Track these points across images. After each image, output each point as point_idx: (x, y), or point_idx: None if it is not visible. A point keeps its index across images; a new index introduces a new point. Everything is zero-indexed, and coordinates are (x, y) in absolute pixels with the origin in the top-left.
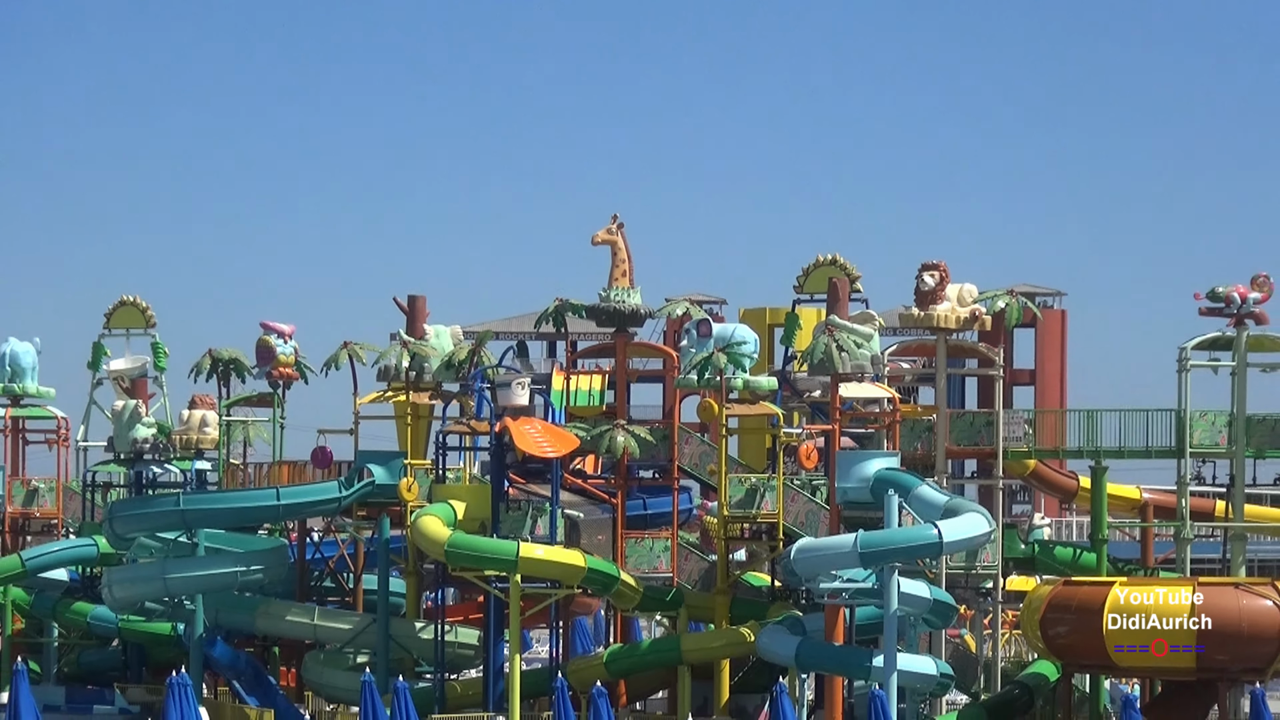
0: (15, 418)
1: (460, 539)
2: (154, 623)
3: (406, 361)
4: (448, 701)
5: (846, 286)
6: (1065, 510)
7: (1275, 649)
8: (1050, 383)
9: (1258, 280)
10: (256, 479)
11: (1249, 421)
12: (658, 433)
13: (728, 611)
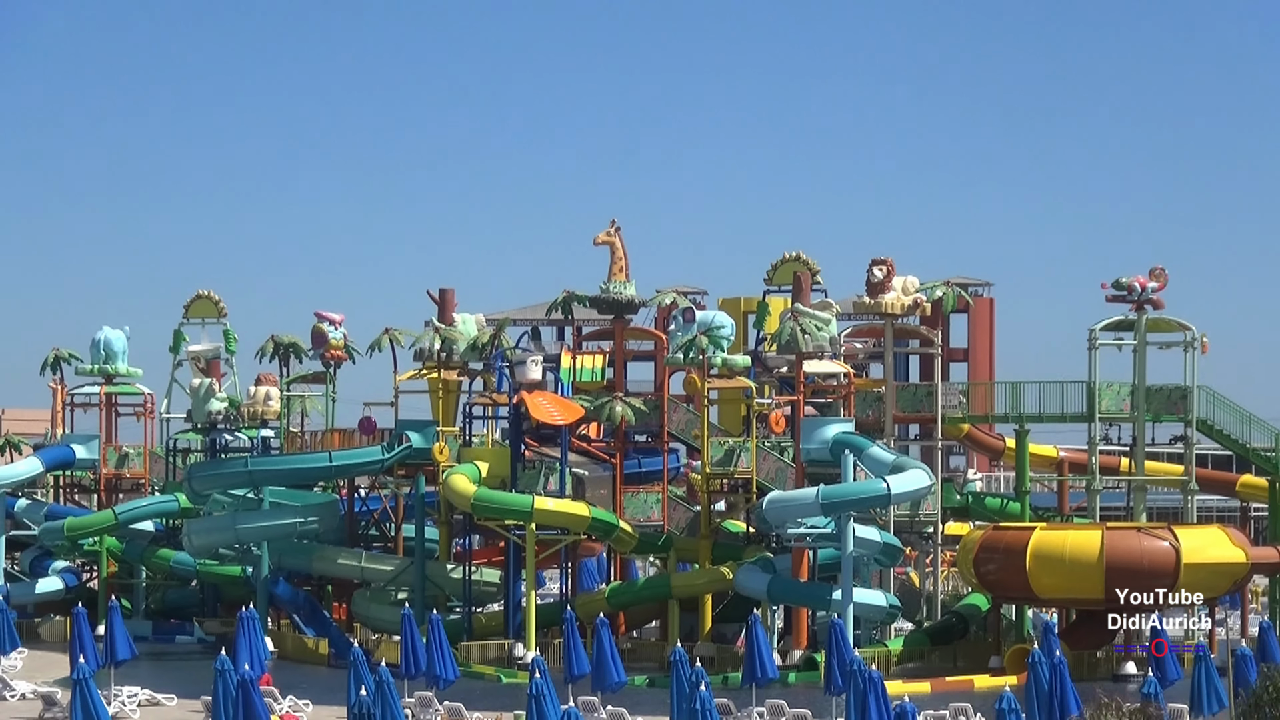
0: (109, 394)
1: (484, 494)
2: (226, 566)
3: (438, 344)
4: (474, 631)
5: (808, 279)
6: (994, 466)
7: (1171, 582)
8: (980, 359)
9: (1155, 272)
10: (312, 444)
11: (1148, 391)
12: (650, 403)
13: (710, 554)
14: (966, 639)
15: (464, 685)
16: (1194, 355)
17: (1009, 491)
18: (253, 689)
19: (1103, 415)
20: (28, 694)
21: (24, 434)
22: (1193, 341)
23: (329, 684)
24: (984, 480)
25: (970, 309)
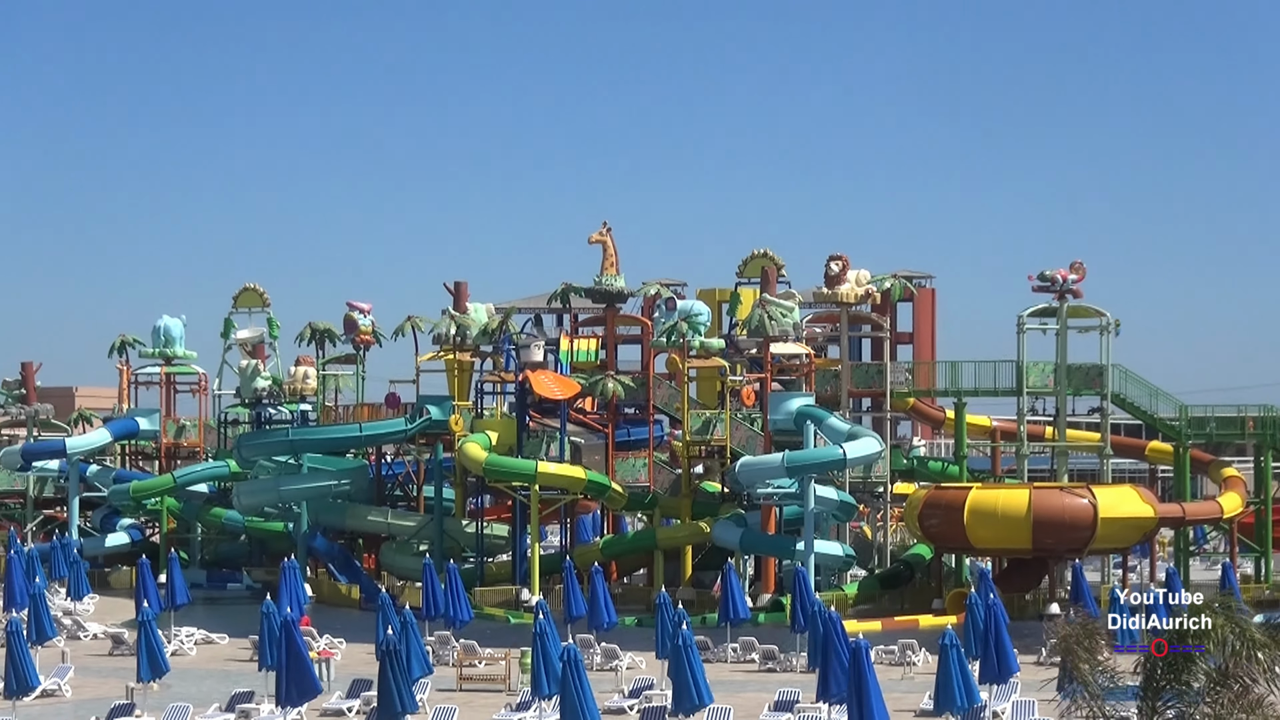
0: (168, 374)
1: (494, 459)
2: (271, 522)
3: (454, 330)
4: (486, 578)
5: (774, 272)
6: (935, 435)
7: (1089, 534)
8: (923, 342)
9: (1075, 265)
10: (344, 417)
11: (1068, 369)
12: (637, 380)
13: (690, 510)
14: (912, 584)
15: (477, 626)
16: (1108, 337)
17: (949, 456)
18: (294, 629)
19: (1030, 390)
20: (98, 634)
21: (94, 409)
22: (1107, 325)
23: (360, 625)
24: (927, 446)
25: (914, 298)
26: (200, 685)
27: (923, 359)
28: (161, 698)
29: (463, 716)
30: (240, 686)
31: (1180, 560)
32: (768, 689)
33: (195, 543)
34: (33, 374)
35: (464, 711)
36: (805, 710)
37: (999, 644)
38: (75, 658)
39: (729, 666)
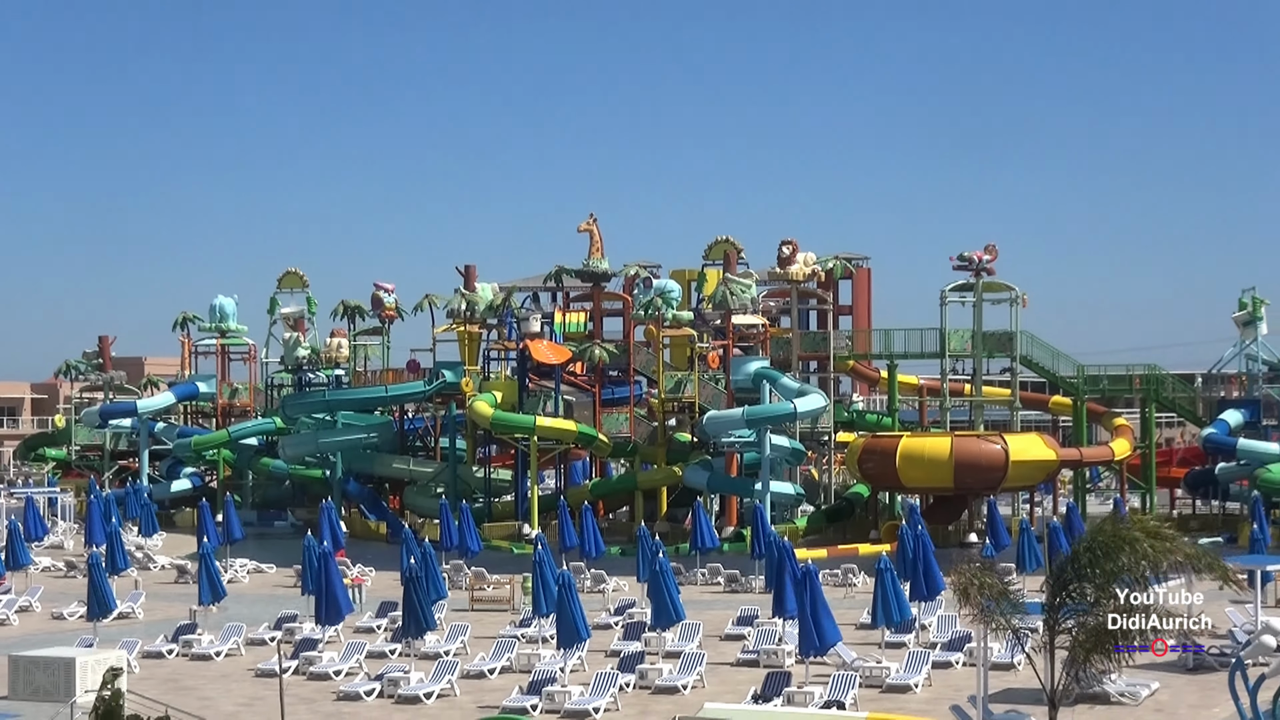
0: (223, 345)
1: (500, 415)
2: (311, 470)
3: (464, 306)
4: (493, 515)
5: (735, 255)
6: (871, 391)
7: (1002, 475)
8: (861, 313)
9: (989, 248)
10: (372, 380)
11: (984, 335)
12: (619, 348)
13: (665, 457)
14: (853, 518)
15: (486, 555)
16: (1016, 309)
17: (883, 410)
18: (330, 560)
19: (951, 353)
20: (165, 565)
21: (161, 375)
22: (1016, 298)
23: (387, 556)
24: (865, 401)
25: (853, 276)
26: (252, 608)
27: (860, 328)
28: (219, 618)
29: (474, 632)
30: (286, 609)
31: (1078, 496)
32: (731, 607)
33: (247, 487)
34: (108, 346)
35: (475, 628)
36: (763, 624)
37: (926, 567)
38: (146, 585)
39: (699, 588)
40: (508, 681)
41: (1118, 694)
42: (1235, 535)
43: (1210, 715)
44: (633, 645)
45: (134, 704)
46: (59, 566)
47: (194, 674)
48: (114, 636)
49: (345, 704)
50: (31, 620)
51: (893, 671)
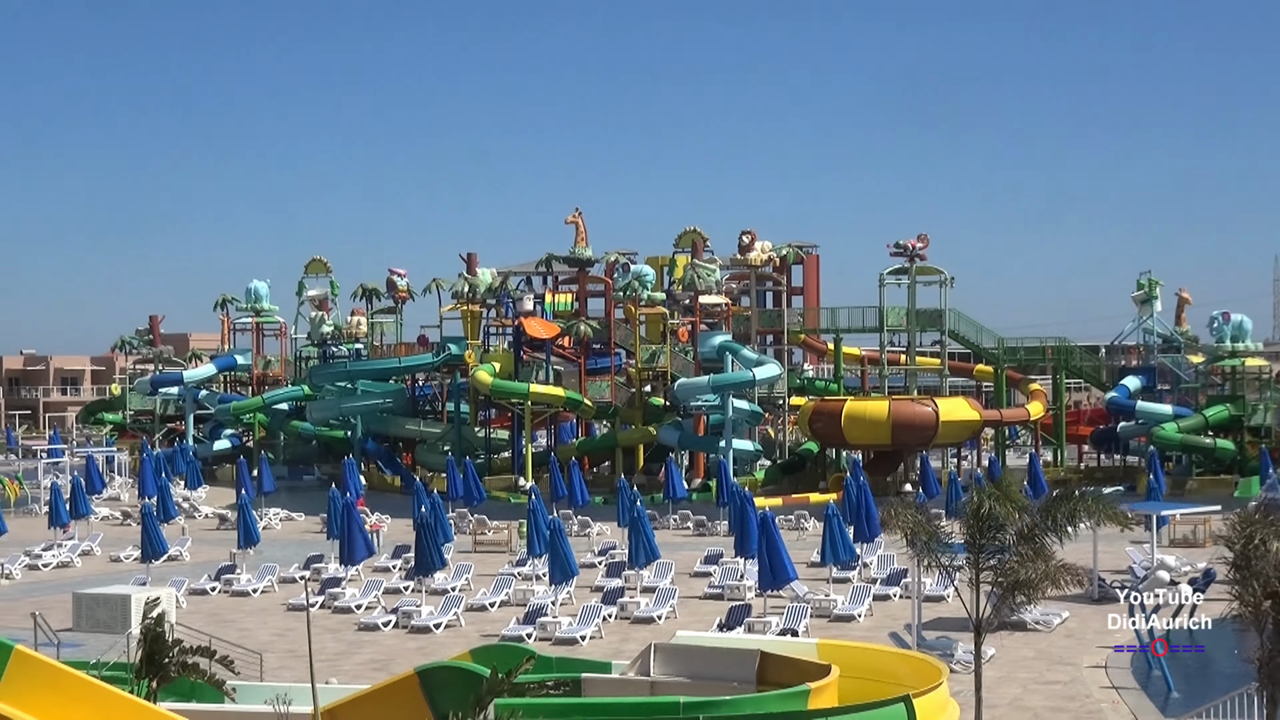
0: (258, 322)
1: (498, 383)
2: (334, 430)
3: (467, 288)
4: (492, 469)
5: (701, 243)
6: (820, 361)
7: (933, 433)
8: (810, 293)
9: (921, 237)
10: (387, 353)
11: (917, 312)
12: (602, 324)
13: (641, 419)
14: (804, 470)
15: (487, 505)
16: (945, 289)
17: (830, 377)
18: (352, 509)
19: (888, 328)
20: (208, 514)
21: (203, 349)
22: (945, 280)
23: (401, 505)
24: (814, 370)
25: (804, 261)
26: (284, 550)
27: (810, 306)
28: (255, 560)
29: (477, 570)
30: (313, 551)
31: (999, 451)
32: (699, 548)
33: (279, 446)
34: (157, 324)
35: (478, 567)
36: (727, 562)
37: (868, 513)
38: (192, 531)
39: (671, 532)
40: (506, 614)
41: (1034, 622)
42: (1134, 485)
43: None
44: (614, 581)
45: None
46: (116, 516)
47: (233, 608)
48: (164, 576)
49: (365, 633)
50: (92, 562)
51: (839, 603)
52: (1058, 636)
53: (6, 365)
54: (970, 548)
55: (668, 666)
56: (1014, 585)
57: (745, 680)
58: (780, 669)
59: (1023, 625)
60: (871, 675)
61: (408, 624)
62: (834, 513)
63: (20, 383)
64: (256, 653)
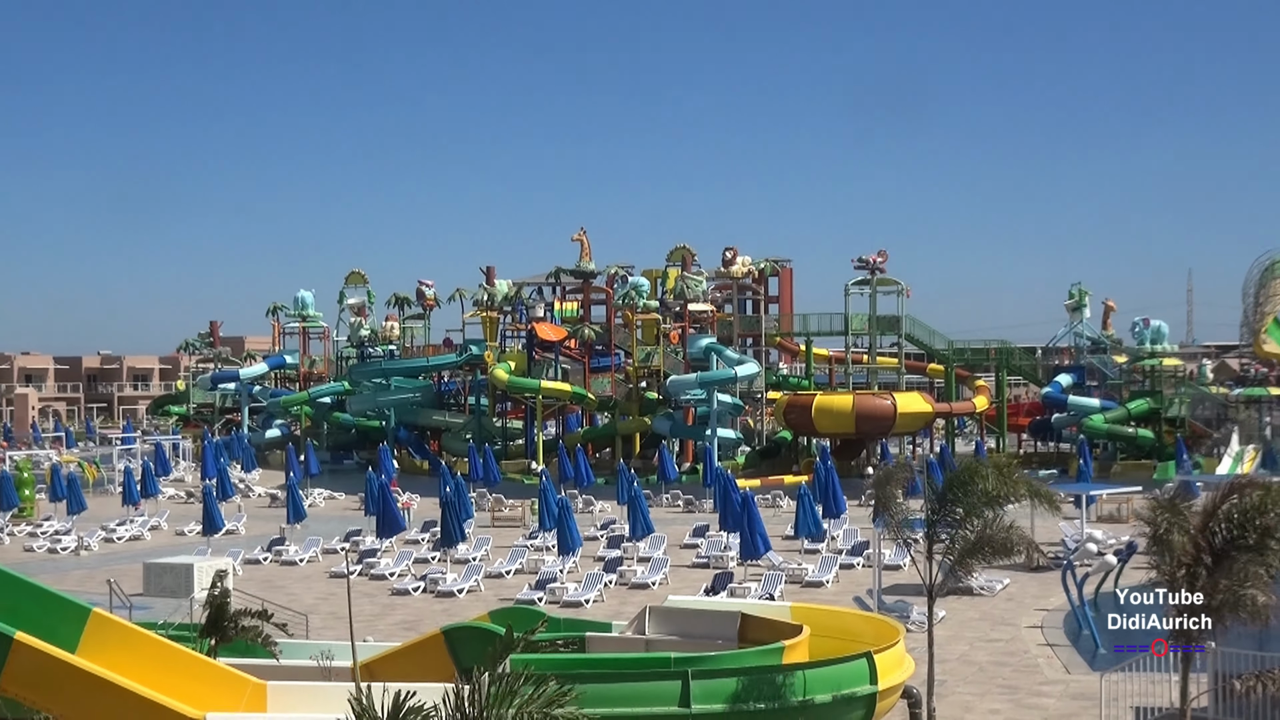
0: (304, 327)
1: (513, 379)
2: (371, 421)
3: (486, 297)
4: (508, 454)
5: (690, 258)
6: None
7: (891, 423)
8: (785, 301)
9: (881, 252)
10: (417, 354)
11: (877, 318)
12: (603, 328)
13: (638, 410)
14: (780, 456)
15: (503, 485)
16: (901, 298)
17: (802, 374)
18: (387, 489)
19: (853, 332)
20: (261, 494)
21: (257, 350)
22: (901, 290)
23: (429, 486)
24: (788, 368)
25: (779, 274)
26: (327, 525)
27: (784, 312)
28: (302, 533)
29: (495, 543)
30: (353, 526)
31: (949, 438)
32: (689, 523)
33: (323, 434)
34: (217, 328)
35: (495, 539)
36: (712, 536)
37: (834, 493)
38: (247, 508)
39: (664, 509)
40: (520, 580)
41: (979, 587)
42: (1066, 468)
43: (1047, 603)
44: (614, 552)
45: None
46: (181, 495)
47: (283, 576)
48: (222, 547)
49: (397, 598)
50: (160, 536)
51: (809, 571)
52: (999, 601)
53: (86, 364)
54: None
55: (661, 627)
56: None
57: (728, 638)
58: (759, 629)
59: (969, 590)
60: (838, 634)
61: (434, 589)
62: (805, 493)
63: (98, 379)
64: (303, 614)
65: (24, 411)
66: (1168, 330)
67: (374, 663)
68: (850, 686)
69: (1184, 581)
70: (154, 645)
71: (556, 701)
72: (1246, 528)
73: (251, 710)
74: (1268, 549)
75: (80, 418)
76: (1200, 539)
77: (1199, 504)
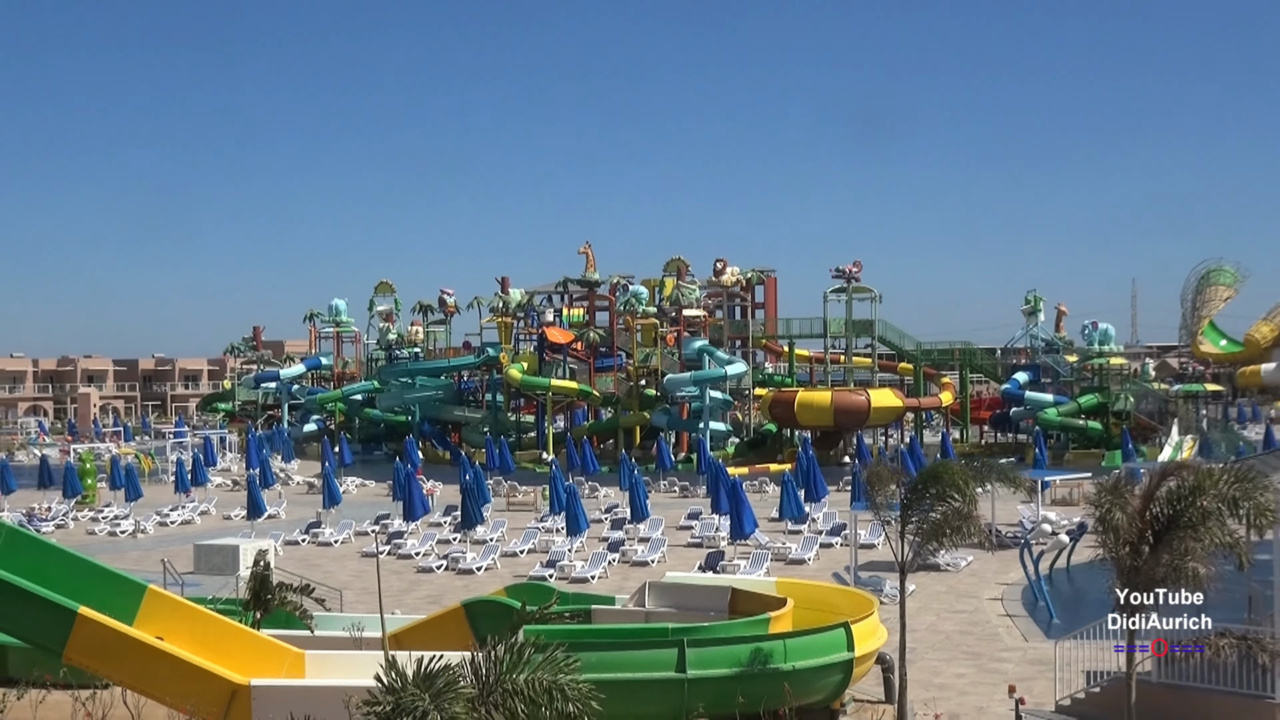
0: (337, 332)
1: (526, 378)
2: (398, 416)
3: (501, 304)
4: (521, 445)
5: (685, 268)
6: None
7: (866, 417)
8: (770, 307)
9: (855, 263)
10: (439, 355)
11: (853, 322)
12: (607, 332)
13: (638, 405)
14: (766, 446)
15: (517, 473)
16: (875, 304)
17: (785, 373)
18: (412, 477)
19: (831, 335)
20: (299, 481)
21: (295, 352)
22: (875, 297)
23: (450, 474)
24: (773, 367)
25: (765, 282)
26: (359, 510)
27: (769, 317)
28: (336, 517)
29: (509, 525)
30: (382, 510)
31: (918, 430)
32: (683, 507)
33: (355, 428)
34: (260, 333)
35: (510, 522)
36: (705, 518)
37: (815, 479)
38: (286, 495)
39: (662, 494)
40: (533, 559)
41: (945, 564)
42: (1023, 457)
43: (1007, 577)
44: (617, 534)
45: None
46: (227, 483)
47: (319, 555)
48: (265, 530)
49: (422, 575)
50: (209, 520)
51: (793, 550)
52: (964, 576)
53: (142, 366)
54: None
55: (659, 600)
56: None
57: (720, 610)
58: (747, 601)
59: (936, 566)
60: (818, 606)
61: (455, 567)
62: (789, 479)
63: (153, 380)
64: (338, 590)
65: (86, 409)
66: (1114, 332)
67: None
68: (829, 653)
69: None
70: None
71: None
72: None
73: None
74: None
75: (137, 414)
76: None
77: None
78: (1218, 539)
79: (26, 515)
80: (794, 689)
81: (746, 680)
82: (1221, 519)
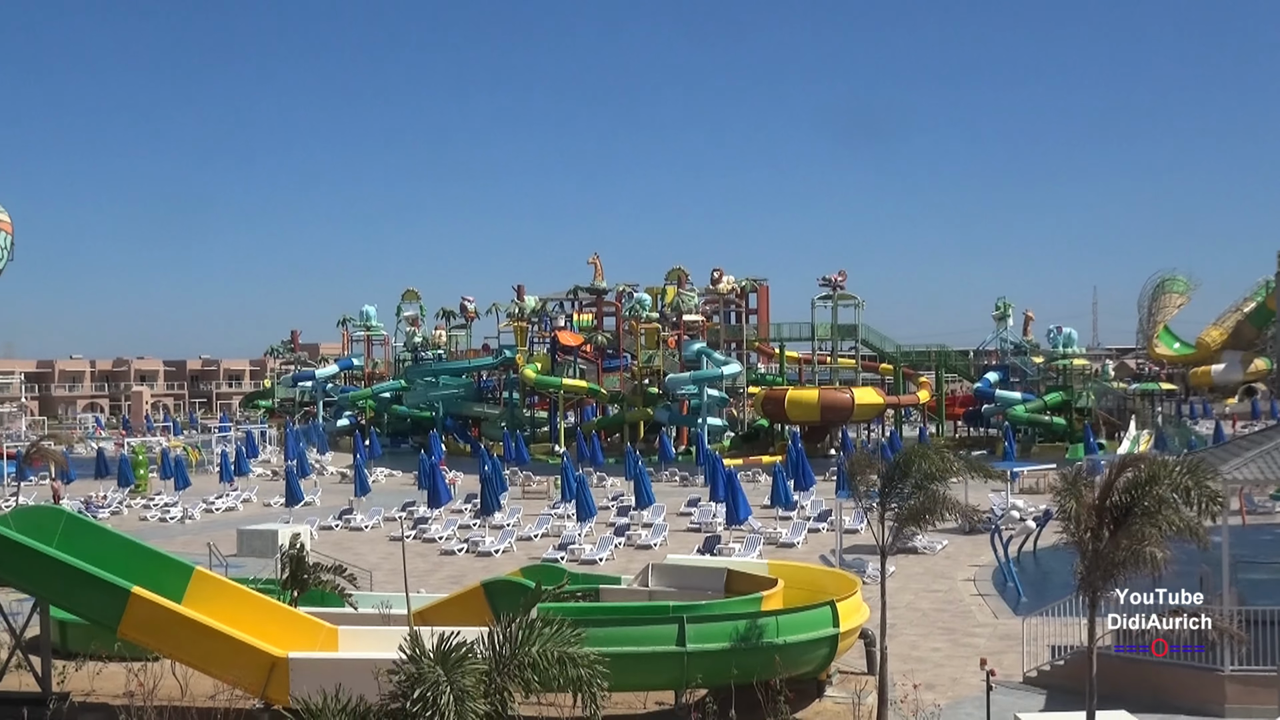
0: (368, 335)
1: (540, 377)
2: (424, 412)
3: (518, 310)
4: (535, 439)
5: (685, 277)
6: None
7: (849, 413)
8: (763, 312)
9: (841, 272)
10: (461, 356)
11: (838, 327)
12: (613, 336)
13: (642, 402)
14: (759, 440)
15: (532, 464)
16: (859, 309)
17: (777, 373)
18: (436, 468)
19: (818, 339)
20: (333, 472)
21: (329, 354)
22: (858, 304)
23: (470, 465)
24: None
25: (758, 290)
26: (387, 498)
27: (762, 322)
28: (366, 505)
29: (524, 511)
30: (408, 498)
31: (898, 425)
32: (683, 495)
33: (384, 423)
34: (297, 336)
35: (525, 509)
36: (704, 505)
37: (804, 470)
38: (321, 484)
39: (664, 484)
40: (546, 542)
41: (922, 547)
42: (994, 449)
43: (979, 560)
44: (623, 520)
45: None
46: (267, 474)
47: (351, 539)
48: (301, 516)
49: (445, 558)
50: (251, 507)
51: (783, 535)
52: (940, 558)
53: (189, 367)
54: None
55: (661, 580)
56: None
57: (717, 590)
58: (742, 581)
59: (914, 549)
60: (806, 586)
61: (475, 550)
62: (779, 470)
63: (199, 379)
64: (368, 571)
65: (139, 406)
66: (1077, 336)
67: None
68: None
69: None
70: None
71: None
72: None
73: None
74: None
75: (185, 410)
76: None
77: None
78: (1173, 524)
79: (84, 503)
80: (784, 661)
81: (741, 653)
82: (1175, 506)
